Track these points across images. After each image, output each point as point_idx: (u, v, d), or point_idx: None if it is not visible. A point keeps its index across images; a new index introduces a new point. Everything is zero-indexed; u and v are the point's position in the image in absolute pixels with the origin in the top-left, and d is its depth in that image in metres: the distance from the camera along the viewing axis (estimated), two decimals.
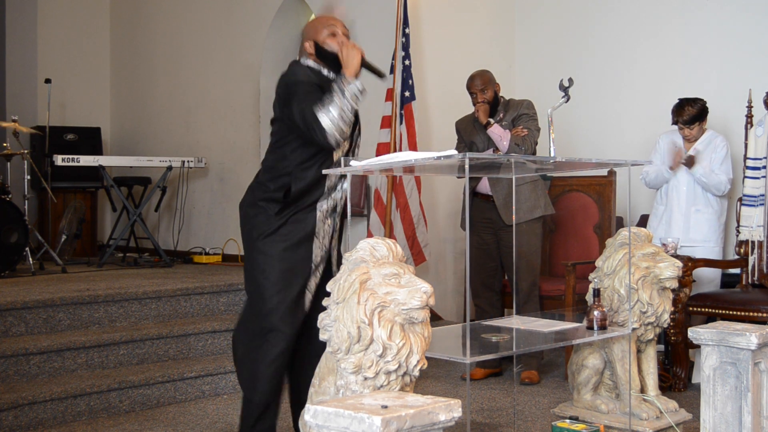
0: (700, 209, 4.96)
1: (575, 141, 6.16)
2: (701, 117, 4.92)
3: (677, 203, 4.99)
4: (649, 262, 3.65)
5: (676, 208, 5.00)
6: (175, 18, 8.01)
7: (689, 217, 4.97)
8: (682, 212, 4.98)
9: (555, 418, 3.72)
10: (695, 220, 4.96)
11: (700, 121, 4.92)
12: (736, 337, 2.83)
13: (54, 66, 8.13)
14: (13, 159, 6.64)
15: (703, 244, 4.93)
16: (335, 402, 1.91)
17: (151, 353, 4.55)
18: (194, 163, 6.86)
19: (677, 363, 4.61)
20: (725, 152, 4.93)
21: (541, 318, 3.70)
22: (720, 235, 5.01)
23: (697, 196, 4.96)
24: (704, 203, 4.96)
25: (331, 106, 3.02)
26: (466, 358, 2.73)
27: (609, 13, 6.16)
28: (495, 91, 4.81)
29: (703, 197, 4.95)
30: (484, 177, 4.70)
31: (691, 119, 4.88)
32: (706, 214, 4.96)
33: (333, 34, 3.25)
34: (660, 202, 5.11)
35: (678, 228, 4.95)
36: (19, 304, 4.39)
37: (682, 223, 4.97)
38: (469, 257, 4.89)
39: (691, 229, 4.96)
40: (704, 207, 4.96)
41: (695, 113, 4.88)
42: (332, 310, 2.49)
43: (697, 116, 4.89)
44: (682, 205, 4.98)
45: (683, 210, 4.98)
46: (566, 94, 3.33)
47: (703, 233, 4.95)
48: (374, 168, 3.02)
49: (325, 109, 3.02)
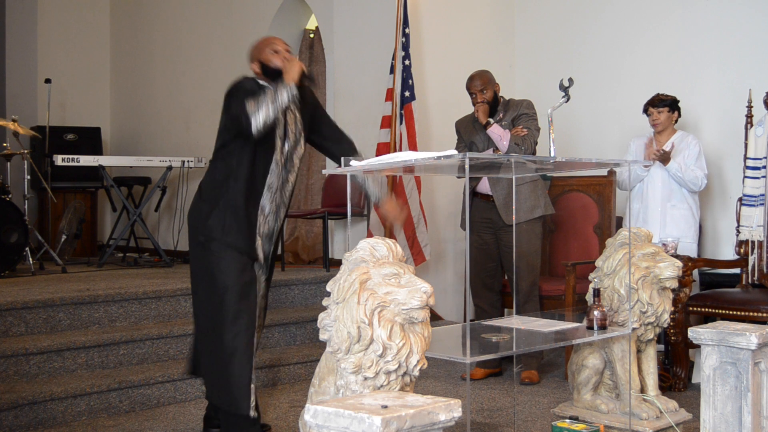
0: (676, 205, 4.99)
1: (575, 141, 6.16)
2: (672, 106, 4.99)
3: (653, 199, 5.01)
4: (649, 262, 3.65)
5: (651, 204, 5.01)
6: (175, 18, 8.01)
7: (665, 213, 4.99)
8: (658, 208, 5.00)
9: (555, 418, 3.72)
10: (671, 216, 4.98)
11: (670, 109, 4.97)
12: (736, 337, 2.83)
13: (54, 66, 8.13)
14: (13, 159, 6.65)
15: (681, 240, 4.95)
16: (335, 402, 1.91)
17: (151, 353, 4.55)
18: (194, 163, 6.86)
19: (677, 363, 4.60)
20: (698, 149, 4.97)
21: (541, 318, 3.70)
22: (696, 232, 5.03)
23: (672, 191, 4.98)
24: (680, 199, 4.98)
25: (263, 106, 3.28)
26: (466, 358, 2.73)
27: (609, 13, 6.16)
28: (495, 91, 4.81)
29: (679, 193, 4.98)
30: (484, 177, 4.70)
31: (661, 102, 4.97)
32: (681, 210, 4.99)
33: (275, 51, 3.52)
34: (635, 200, 5.12)
35: (654, 224, 4.96)
36: (19, 304, 4.39)
37: (659, 219, 4.98)
38: (469, 257, 4.89)
39: (668, 225, 4.98)
40: (680, 203, 4.99)
41: (666, 99, 4.99)
42: (332, 310, 2.49)
43: (667, 102, 4.97)
44: (657, 201, 5.00)
45: (659, 206, 4.99)
46: (566, 94, 3.33)
47: (680, 229, 4.98)
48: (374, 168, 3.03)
49: (258, 108, 3.28)
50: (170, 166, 6.73)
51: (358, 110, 6.15)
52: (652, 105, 5.02)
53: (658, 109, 4.99)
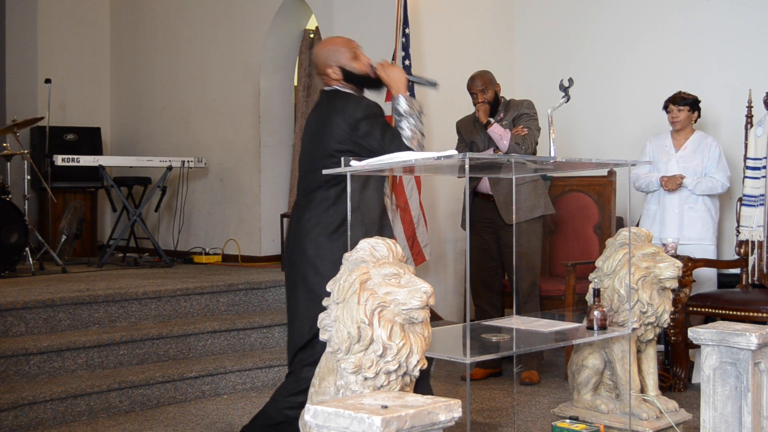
0: (694, 207, 4.98)
1: (575, 141, 6.16)
2: (693, 105, 4.98)
3: (671, 201, 5.00)
4: (649, 262, 3.65)
5: (669, 207, 5.01)
6: (175, 18, 8.01)
7: (683, 215, 4.99)
8: (676, 210, 4.99)
9: (555, 418, 3.72)
10: (689, 218, 4.98)
11: (690, 108, 4.96)
12: (736, 337, 2.83)
13: (54, 66, 8.12)
14: (13, 159, 6.64)
15: (699, 242, 4.95)
16: (335, 402, 1.91)
17: (151, 353, 4.55)
18: (194, 163, 6.86)
19: (677, 363, 4.60)
20: (719, 152, 4.96)
21: (541, 318, 3.70)
22: (714, 233, 5.03)
23: (690, 193, 4.97)
24: (698, 201, 4.98)
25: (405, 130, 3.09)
26: (466, 358, 2.73)
27: (609, 13, 6.16)
28: (495, 91, 4.81)
29: (697, 195, 4.97)
30: (484, 177, 4.70)
31: (682, 100, 4.95)
32: (700, 212, 4.98)
33: (356, 57, 3.27)
34: (652, 202, 5.12)
35: (673, 226, 4.96)
36: (19, 304, 4.39)
37: (677, 221, 4.98)
38: (469, 257, 4.89)
39: (686, 228, 4.97)
40: (698, 205, 4.98)
41: (688, 98, 4.97)
42: (332, 310, 2.49)
43: (689, 101, 4.96)
44: (675, 203, 4.99)
45: (677, 208, 4.99)
46: (566, 94, 3.33)
47: (698, 231, 4.97)
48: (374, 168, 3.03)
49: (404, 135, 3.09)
50: (170, 166, 6.73)
51: None
52: (673, 102, 4.98)
53: (678, 107, 4.96)
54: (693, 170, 4.97)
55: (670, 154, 5.06)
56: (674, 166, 5.00)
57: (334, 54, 3.27)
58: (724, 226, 5.42)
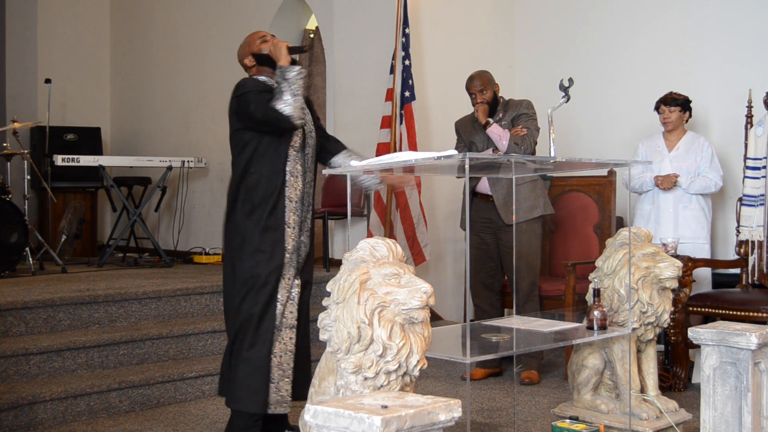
0: (688, 206, 5.00)
1: (575, 141, 6.16)
2: (684, 106, 4.99)
3: (665, 201, 5.01)
4: (649, 262, 3.65)
5: (664, 206, 5.01)
6: (174, 18, 8.01)
7: (678, 214, 4.99)
8: (670, 210, 5.00)
9: (555, 418, 3.72)
10: (684, 217, 4.99)
11: (682, 109, 4.97)
12: (736, 337, 2.83)
13: (54, 66, 8.13)
14: (13, 159, 6.64)
15: (693, 241, 4.96)
16: (335, 402, 1.91)
17: (151, 353, 4.55)
18: (194, 163, 6.86)
19: (677, 363, 4.60)
20: (711, 151, 4.98)
21: (541, 318, 3.70)
22: (708, 232, 5.04)
23: (684, 193, 4.98)
24: (692, 200, 4.99)
25: (283, 95, 3.34)
26: (466, 358, 2.73)
27: (609, 13, 6.16)
28: (494, 91, 4.81)
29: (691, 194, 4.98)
30: (483, 177, 4.70)
31: (673, 101, 4.96)
32: (694, 211, 4.99)
33: (264, 40, 3.57)
34: (646, 202, 5.12)
35: (668, 225, 4.96)
36: (19, 304, 4.39)
37: (672, 220, 4.99)
38: (469, 257, 4.89)
39: (681, 226, 4.98)
40: (692, 204, 5.00)
41: (679, 99, 4.98)
42: (332, 310, 2.49)
43: (680, 102, 4.97)
44: (669, 202, 5.00)
45: (672, 207, 5.00)
46: (566, 94, 3.33)
47: (693, 230, 4.98)
48: (374, 168, 3.03)
49: (280, 100, 3.33)
50: (170, 166, 6.73)
51: (358, 110, 6.15)
52: (665, 103, 4.99)
53: (670, 108, 4.97)
54: (686, 170, 4.98)
55: (663, 154, 5.07)
56: (668, 166, 5.01)
57: (248, 45, 3.63)
58: (717, 225, 5.42)
